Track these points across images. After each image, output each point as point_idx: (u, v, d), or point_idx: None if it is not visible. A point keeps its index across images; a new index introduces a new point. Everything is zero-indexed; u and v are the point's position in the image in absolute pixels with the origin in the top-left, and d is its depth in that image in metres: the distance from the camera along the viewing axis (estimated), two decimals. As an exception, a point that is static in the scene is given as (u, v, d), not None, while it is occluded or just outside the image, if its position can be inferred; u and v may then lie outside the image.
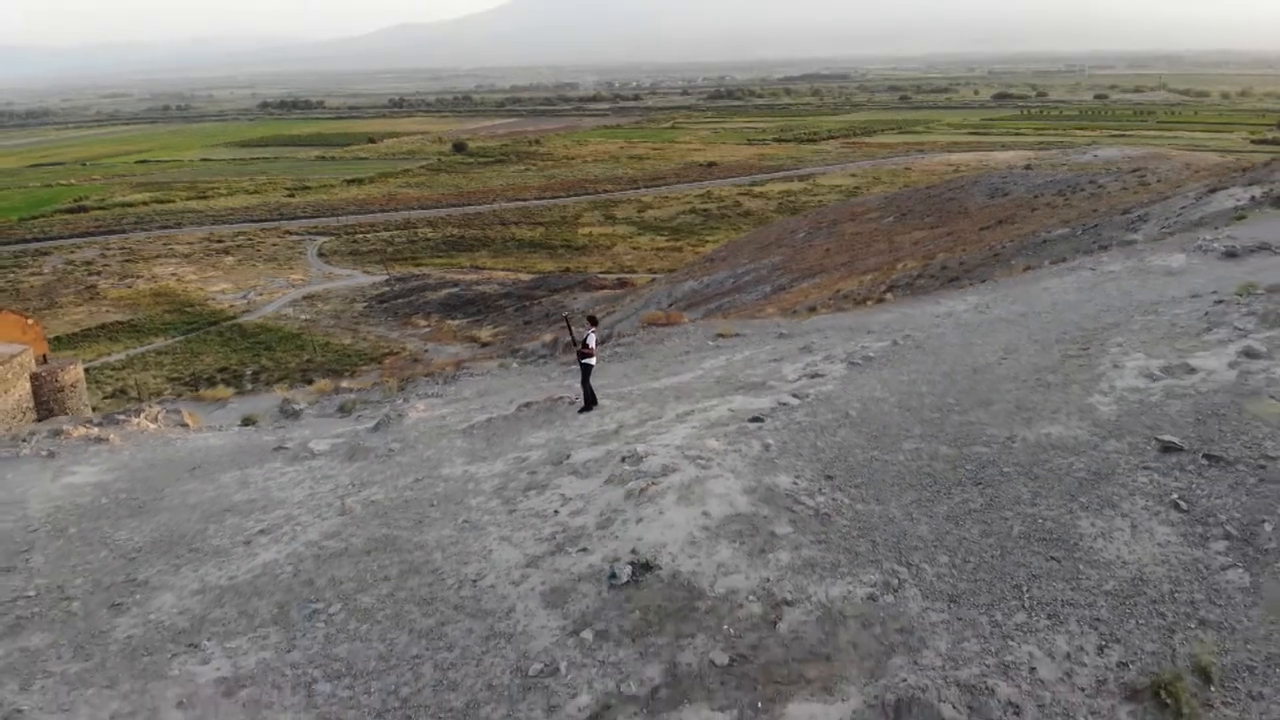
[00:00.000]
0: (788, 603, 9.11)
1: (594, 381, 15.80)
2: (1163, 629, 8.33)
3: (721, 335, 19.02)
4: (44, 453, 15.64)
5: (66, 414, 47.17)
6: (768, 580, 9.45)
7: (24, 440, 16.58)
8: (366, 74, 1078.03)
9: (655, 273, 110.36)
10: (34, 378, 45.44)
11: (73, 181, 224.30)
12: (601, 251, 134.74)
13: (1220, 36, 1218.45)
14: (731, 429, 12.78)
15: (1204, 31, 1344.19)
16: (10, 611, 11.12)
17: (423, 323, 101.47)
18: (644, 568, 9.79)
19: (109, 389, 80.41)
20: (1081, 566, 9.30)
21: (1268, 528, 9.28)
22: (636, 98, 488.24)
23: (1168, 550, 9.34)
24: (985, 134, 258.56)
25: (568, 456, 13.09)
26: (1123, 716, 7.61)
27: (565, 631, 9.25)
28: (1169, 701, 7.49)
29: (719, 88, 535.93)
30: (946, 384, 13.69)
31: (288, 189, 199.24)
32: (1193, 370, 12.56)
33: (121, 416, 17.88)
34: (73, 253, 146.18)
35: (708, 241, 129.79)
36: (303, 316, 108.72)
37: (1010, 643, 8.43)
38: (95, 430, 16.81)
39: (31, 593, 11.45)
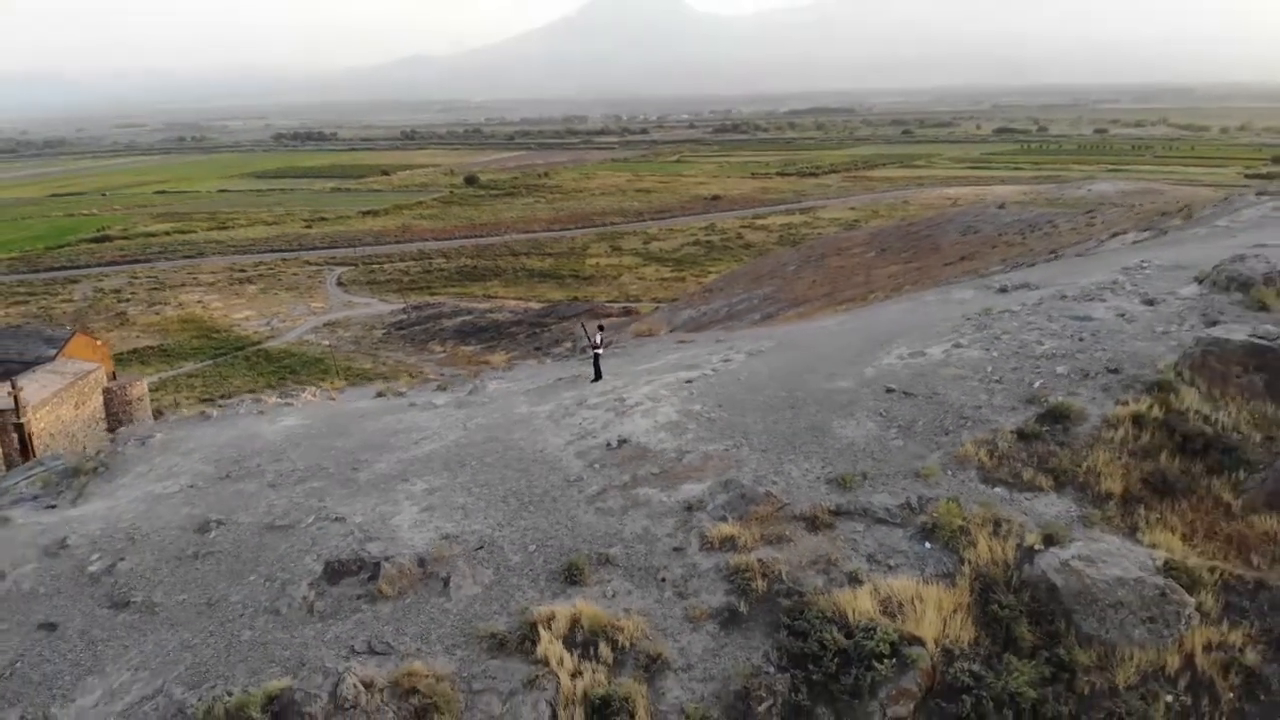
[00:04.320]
0: (688, 452, 17.42)
1: (601, 365, 24.56)
2: (847, 462, 16.10)
3: (681, 341, 25.44)
4: (255, 412, 21.17)
5: (134, 424, 52.23)
6: (680, 445, 17.86)
7: (236, 405, 22.09)
8: (378, 105, 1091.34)
9: (659, 302, 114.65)
10: (106, 392, 50.40)
11: (94, 211, 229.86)
12: (608, 281, 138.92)
13: (1231, 69, 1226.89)
14: (674, 385, 21.60)
15: (1214, 64, 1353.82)
16: (294, 475, 18.59)
17: (438, 348, 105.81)
18: (623, 441, 18.31)
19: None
20: (827, 439, 17.22)
21: (919, 424, 17.14)
22: (644, 131, 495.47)
23: (870, 433, 17.25)
24: (984, 168, 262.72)
25: (584, 401, 21.76)
26: (823, 490, 15.09)
27: (585, 465, 17.54)
28: (841, 483, 15.20)
29: (725, 121, 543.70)
30: (797, 363, 22.10)
31: (305, 220, 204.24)
32: (924, 355, 20.39)
33: (292, 393, 23.76)
34: (101, 280, 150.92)
35: (710, 272, 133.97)
36: (324, 342, 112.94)
37: (782, 465, 16.39)
38: (283, 399, 22.54)
39: (301, 466, 18.91)
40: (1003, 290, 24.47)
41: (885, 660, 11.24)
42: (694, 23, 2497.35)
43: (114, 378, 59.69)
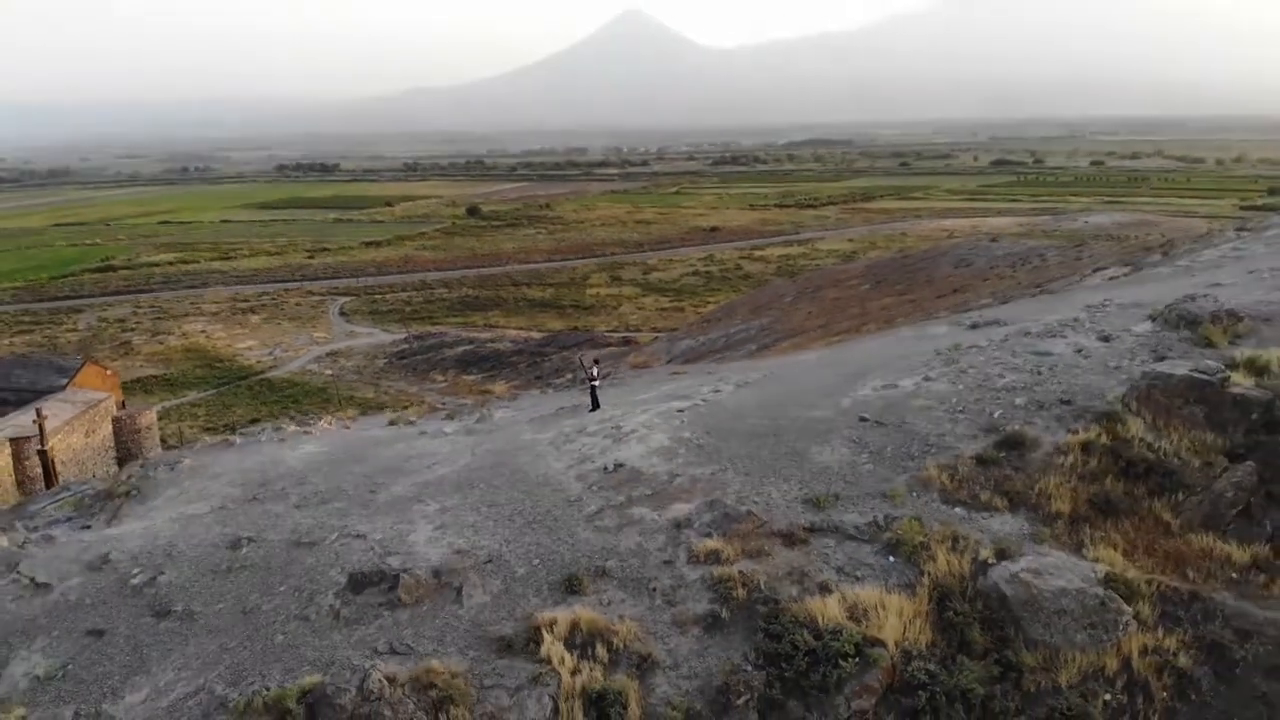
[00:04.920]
0: (678, 475, 18.91)
1: (599, 396, 26.35)
2: (822, 485, 17.64)
3: (675, 373, 26.90)
4: (276, 439, 22.61)
5: (143, 453, 53.58)
6: (671, 469, 19.33)
7: (257, 433, 23.56)
8: (381, 136, 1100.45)
9: (658, 331, 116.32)
10: (115, 421, 51.82)
11: (98, 241, 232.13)
12: (608, 311, 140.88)
13: (1227, 102, 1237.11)
14: (666, 414, 23.16)
15: (1210, 96, 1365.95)
16: (316, 496, 19.99)
17: (440, 378, 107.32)
18: (619, 465, 19.77)
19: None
20: (804, 464, 18.67)
21: (889, 450, 18.68)
22: (644, 163, 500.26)
23: (844, 458, 18.66)
24: (981, 200, 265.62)
25: (584, 428, 23.43)
26: (799, 509, 16.57)
27: (584, 487, 19.01)
28: (816, 503, 16.70)
29: (724, 153, 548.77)
30: (780, 394, 23.75)
31: (308, 251, 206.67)
32: (896, 387, 21.86)
33: (309, 422, 25.26)
34: (105, 310, 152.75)
35: (709, 302, 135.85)
36: (327, 372, 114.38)
37: (763, 487, 17.81)
38: (300, 428, 24.03)
39: (322, 489, 20.35)
40: (974, 326, 26.09)
41: (850, 659, 12.67)
42: (695, 56, 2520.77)
43: (123, 407, 61.20)
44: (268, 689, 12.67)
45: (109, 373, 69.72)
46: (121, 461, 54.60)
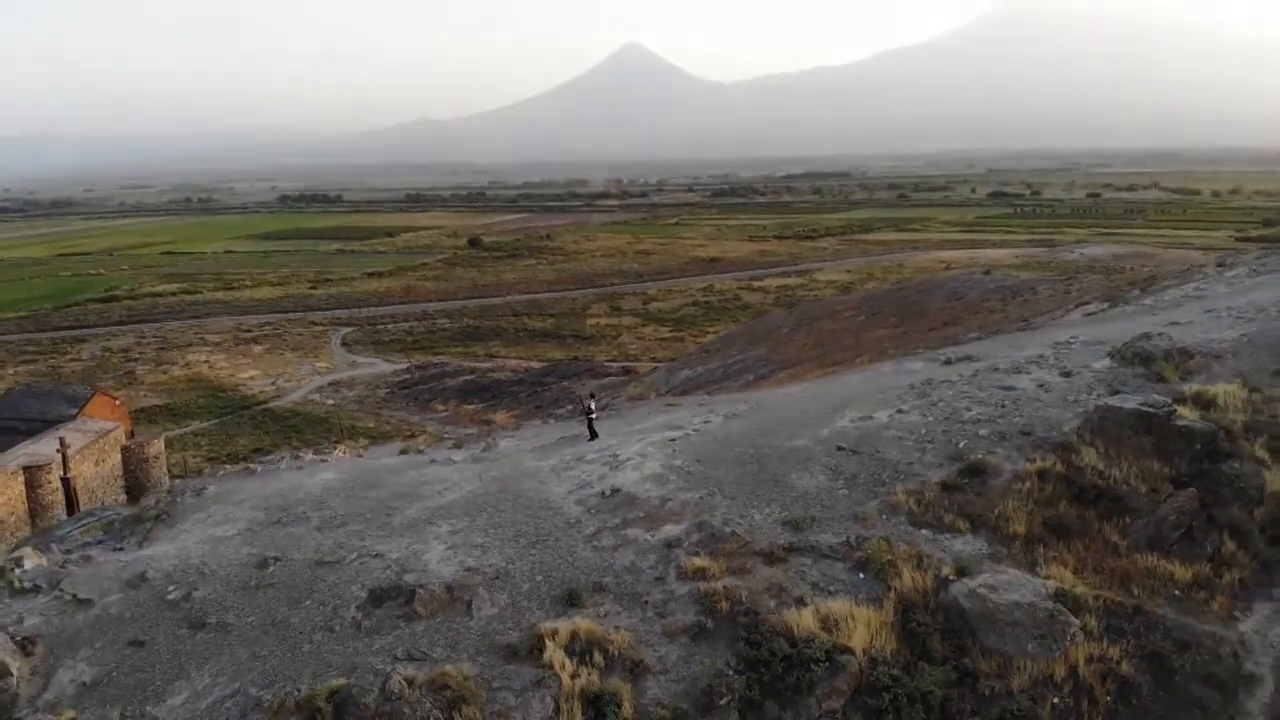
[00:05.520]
0: (669, 499, 20.37)
1: (596, 427, 28.14)
2: (800, 508, 19.07)
3: (669, 404, 28.66)
4: (295, 467, 24.07)
5: (151, 483, 54.91)
6: (663, 494, 20.81)
7: (276, 461, 25.00)
8: (383, 167, 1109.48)
9: (658, 361, 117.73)
10: (124, 450, 53.19)
11: (101, 271, 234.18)
12: (608, 341, 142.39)
13: (1221, 134, 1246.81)
14: (660, 443, 24.69)
15: (1205, 129, 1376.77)
16: (336, 520, 21.41)
17: (441, 407, 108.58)
18: (615, 490, 21.33)
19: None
20: (785, 489, 20.18)
21: (862, 477, 20.23)
22: (644, 194, 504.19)
23: (821, 484, 20.11)
24: (979, 232, 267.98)
25: (583, 457, 25.01)
26: (779, 530, 18.16)
27: (583, 511, 20.61)
28: (794, 525, 18.26)
29: (723, 185, 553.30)
30: (765, 425, 25.23)
31: (310, 281, 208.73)
32: (871, 419, 23.51)
33: (325, 450, 26.78)
34: (109, 340, 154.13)
35: (708, 332, 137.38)
36: (329, 402, 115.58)
37: (747, 510, 19.26)
38: (317, 456, 25.51)
39: (341, 513, 21.84)
40: (948, 362, 27.67)
41: (821, 664, 14.12)
42: (694, 90, 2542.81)
43: (132, 436, 62.58)
44: (298, 690, 14.10)
45: (118, 403, 71.26)
46: (130, 490, 55.86)
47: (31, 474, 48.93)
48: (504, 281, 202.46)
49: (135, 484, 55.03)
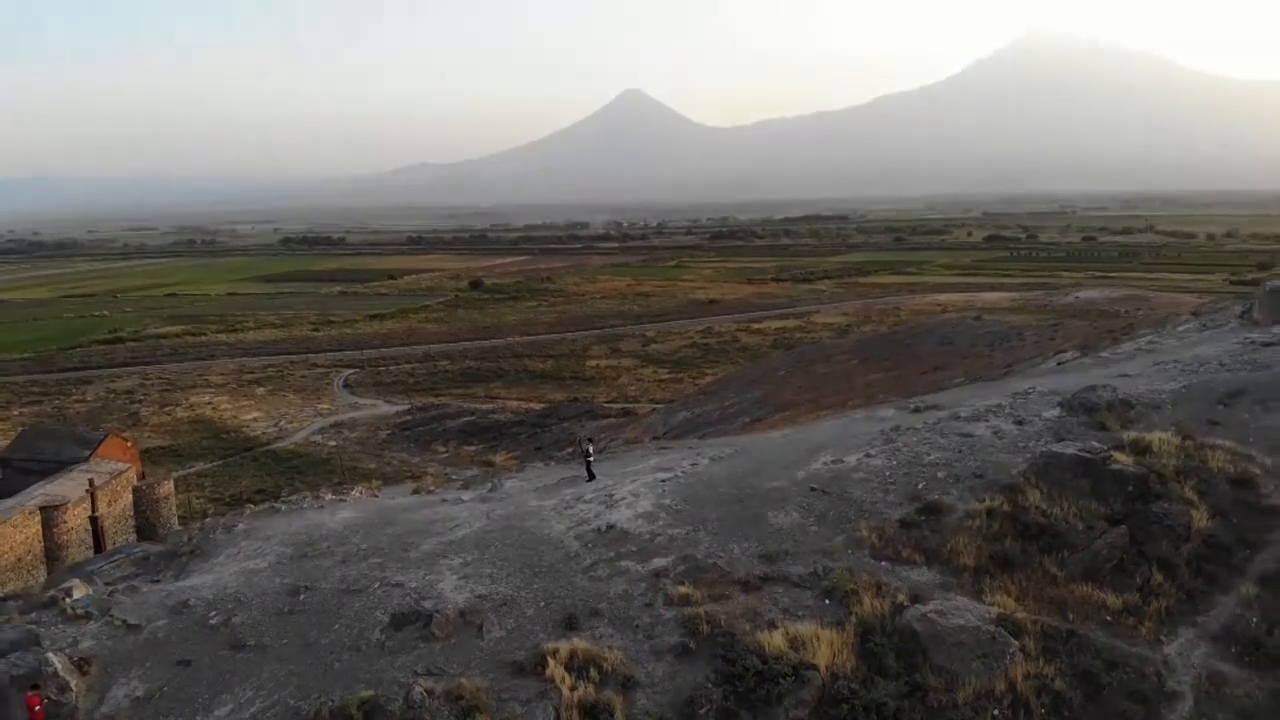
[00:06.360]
0: (659, 535, 22.54)
1: (594, 469, 30.19)
2: (775, 543, 21.17)
3: (661, 448, 30.82)
4: (317, 506, 26.14)
5: (161, 522, 56.81)
6: (653, 530, 22.89)
7: (299, 501, 27.12)
8: (386, 210, 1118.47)
9: (657, 402, 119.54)
10: (135, 491, 55.14)
11: (105, 313, 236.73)
12: (608, 382, 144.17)
13: (1217, 178, 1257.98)
14: (651, 484, 26.74)
15: (1200, 173, 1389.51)
16: (358, 553, 23.34)
17: (442, 449, 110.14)
18: (610, 527, 23.35)
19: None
20: (762, 525, 22.21)
21: (831, 515, 22.27)
22: (644, 237, 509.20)
23: (794, 521, 22.12)
24: (975, 275, 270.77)
25: (581, 496, 26.97)
26: (755, 562, 19.76)
27: (581, 545, 22.57)
28: (769, 558, 20.41)
29: (722, 228, 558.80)
30: (747, 467, 27.16)
31: (313, 323, 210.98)
32: (842, 462, 25.52)
33: (343, 490, 28.89)
34: (113, 381, 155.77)
35: (706, 374, 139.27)
36: (331, 443, 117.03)
37: (728, 544, 21.37)
38: (336, 496, 27.64)
39: (363, 547, 23.76)
40: (916, 410, 29.83)
41: (789, 679, 16.20)
42: (694, 134, 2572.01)
43: (143, 477, 64.54)
44: (332, 701, 16.17)
45: (129, 444, 73.29)
46: (140, 529, 57.72)
47: (48, 514, 50.87)
48: (505, 323, 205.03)
49: (145, 523, 56.86)
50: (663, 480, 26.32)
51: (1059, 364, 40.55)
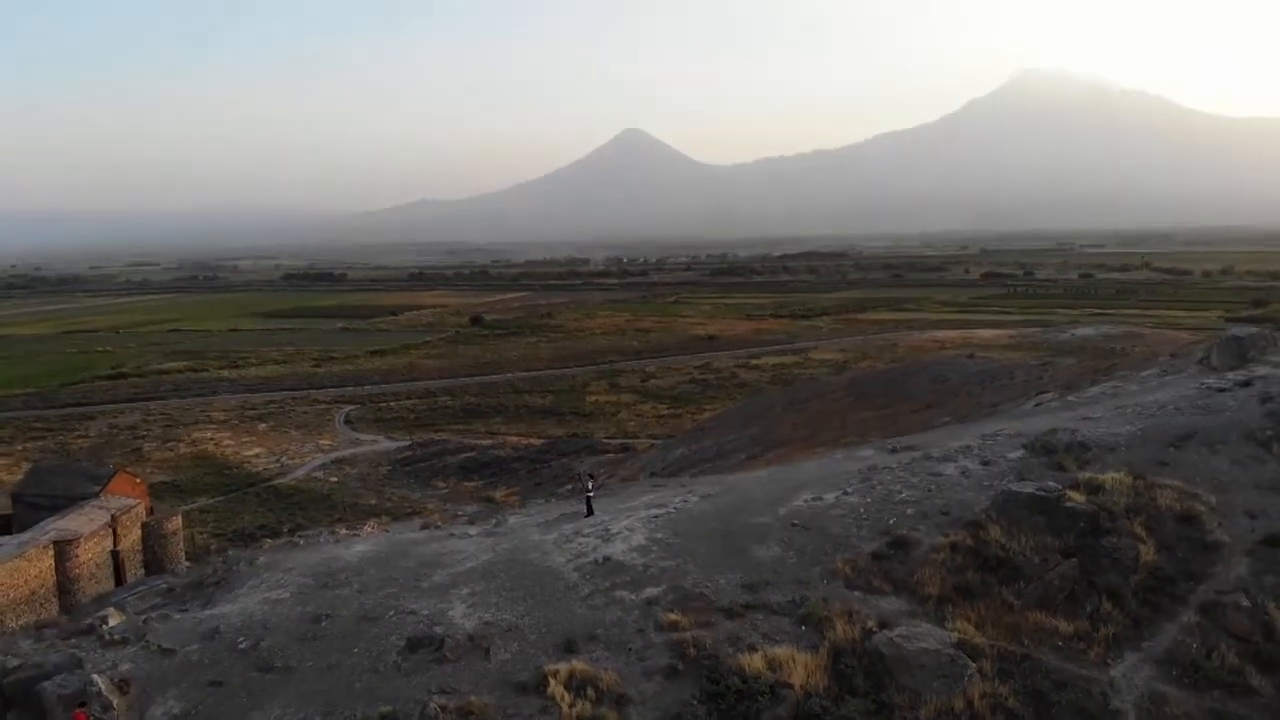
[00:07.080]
0: (651, 566, 24.27)
1: (593, 504, 31.84)
2: (757, 574, 22.84)
3: (655, 485, 32.75)
4: (333, 540, 27.91)
5: (169, 557, 58.28)
6: (646, 562, 24.63)
7: (316, 536, 29.01)
8: (386, 246, 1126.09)
9: (655, 437, 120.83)
10: (144, 526, 56.66)
11: (108, 349, 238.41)
12: (607, 418, 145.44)
13: (1213, 215, 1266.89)
14: (645, 519, 28.50)
15: (1199, 209, 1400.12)
16: (374, 584, 24.99)
17: (442, 484, 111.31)
18: (606, 559, 25.18)
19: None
20: (746, 558, 24.02)
21: (809, 548, 23.97)
22: (644, 273, 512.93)
23: (775, 554, 23.82)
24: (973, 312, 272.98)
25: (580, 531, 28.73)
26: (739, 592, 21.63)
27: (579, 576, 24.35)
28: (751, 588, 22.28)
29: (721, 264, 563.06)
30: (734, 504, 28.85)
31: (314, 359, 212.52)
32: (821, 499, 27.33)
33: (356, 527, 30.81)
34: (116, 417, 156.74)
35: (705, 409, 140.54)
36: (332, 479, 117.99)
37: (714, 575, 23.10)
38: (351, 531, 29.56)
39: (378, 578, 25.45)
40: (893, 451, 31.74)
41: (766, 696, 17.98)
42: (693, 172, 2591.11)
43: (152, 513, 66.04)
44: (355, 717, 17.97)
45: (138, 480, 74.82)
46: (148, 564, 59.14)
47: (61, 549, 52.39)
48: (505, 359, 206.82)
49: (153, 558, 58.20)
50: (655, 516, 28.11)
51: (1036, 405, 42.47)
